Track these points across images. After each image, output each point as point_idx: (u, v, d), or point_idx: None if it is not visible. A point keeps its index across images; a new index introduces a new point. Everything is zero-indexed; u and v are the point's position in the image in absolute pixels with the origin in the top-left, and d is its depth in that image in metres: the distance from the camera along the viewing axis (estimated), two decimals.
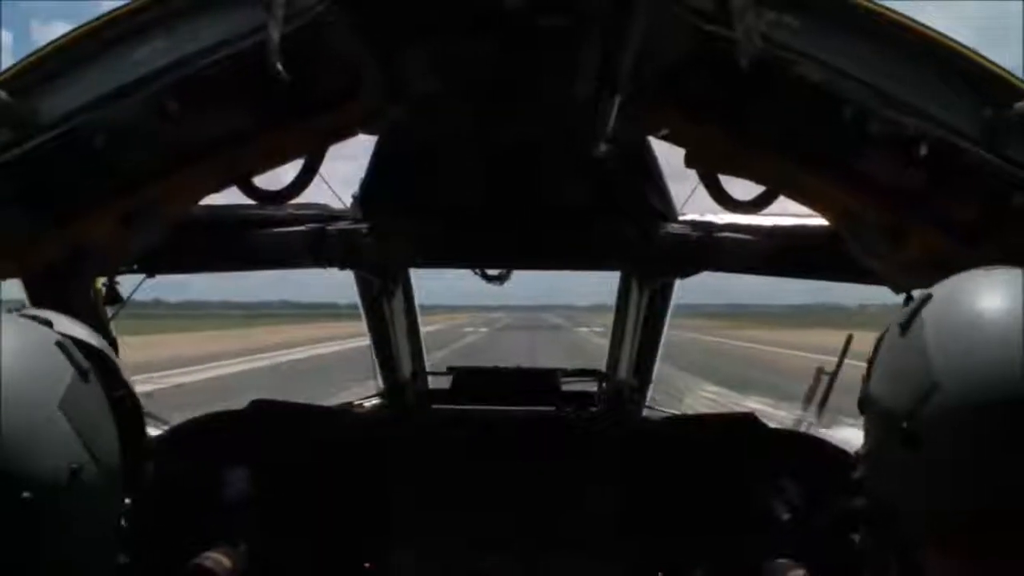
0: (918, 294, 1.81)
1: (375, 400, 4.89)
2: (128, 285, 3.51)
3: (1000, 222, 2.22)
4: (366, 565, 4.07)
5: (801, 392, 5.00)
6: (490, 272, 4.29)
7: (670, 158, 3.05)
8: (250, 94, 2.34)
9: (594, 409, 4.55)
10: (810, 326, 56.66)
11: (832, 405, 4.58)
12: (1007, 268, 1.79)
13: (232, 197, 2.93)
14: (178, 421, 4.12)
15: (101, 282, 3.31)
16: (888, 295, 2.72)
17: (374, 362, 4.79)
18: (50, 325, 1.83)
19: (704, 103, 2.47)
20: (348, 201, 3.79)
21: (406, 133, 3.16)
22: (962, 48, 2.10)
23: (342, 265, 3.95)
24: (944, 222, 2.34)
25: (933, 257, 2.33)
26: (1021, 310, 1.67)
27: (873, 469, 1.89)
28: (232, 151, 2.57)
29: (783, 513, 3.88)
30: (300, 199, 2.98)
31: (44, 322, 1.83)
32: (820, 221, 2.96)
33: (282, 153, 2.72)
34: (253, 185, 2.83)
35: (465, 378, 4.71)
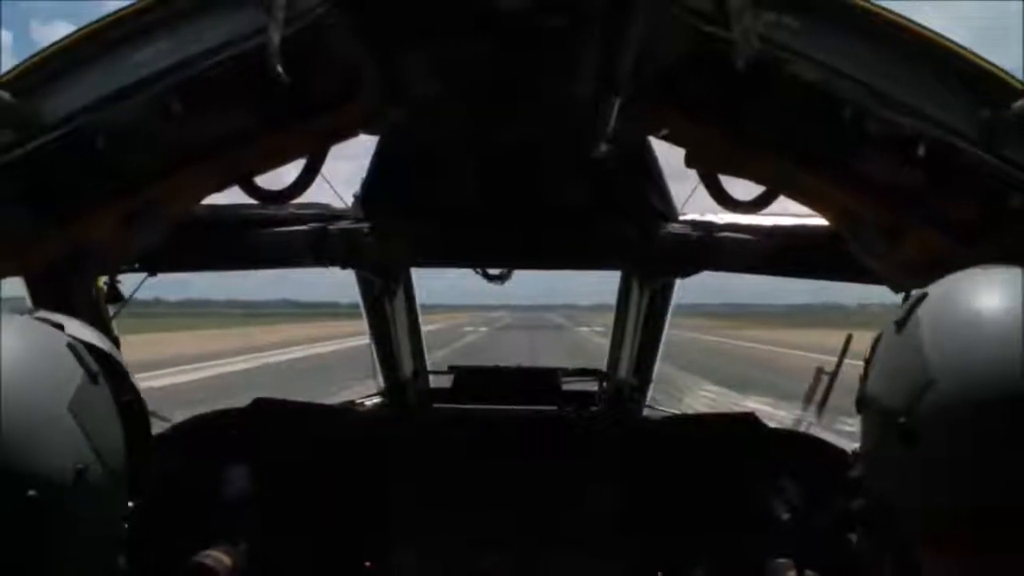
0: (914, 292, 1.82)
1: (376, 399, 4.90)
2: (129, 284, 3.53)
3: (998, 222, 2.22)
4: (367, 564, 4.07)
5: (801, 392, 5.01)
6: (491, 272, 4.30)
7: (670, 158, 3.06)
8: (252, 95, 2.35)
9: (595, 408, 4.56)
10: (810, 326, 56.63)
11: (832, 405, 4.59)
12: (1003, 267, 1.79)
13: (234, 197, 2.94)
14: (180, 419, 4.13)
15: (103, 281, 3.32)
16: (888, 294, 2.73)
17: (375, 361, 4.80)
18: (61, 328, 1.84)
19: (704, 103, 2.48)
20: (349, 201, 3.80)
21: (407, 133, 3.17)
22: (960, 48, 2.11)
23: (343, 264, 3.97)
24: (942, 222, 2.35)
25: (931, 256, 2.34)
26: (1017, 308, 1.68)
27: (870, 468, 1.90)
28: (234, 151, 2.58)
29: (783, 513, 3.88)
30: (302, 199, 2.99)
31: (55, 324, 1.84)
32: (820, 221, 2.97)
33: (283, 153, 2.72)
34: (255, 185, 2.84)
35: (466, 377, 4.72)
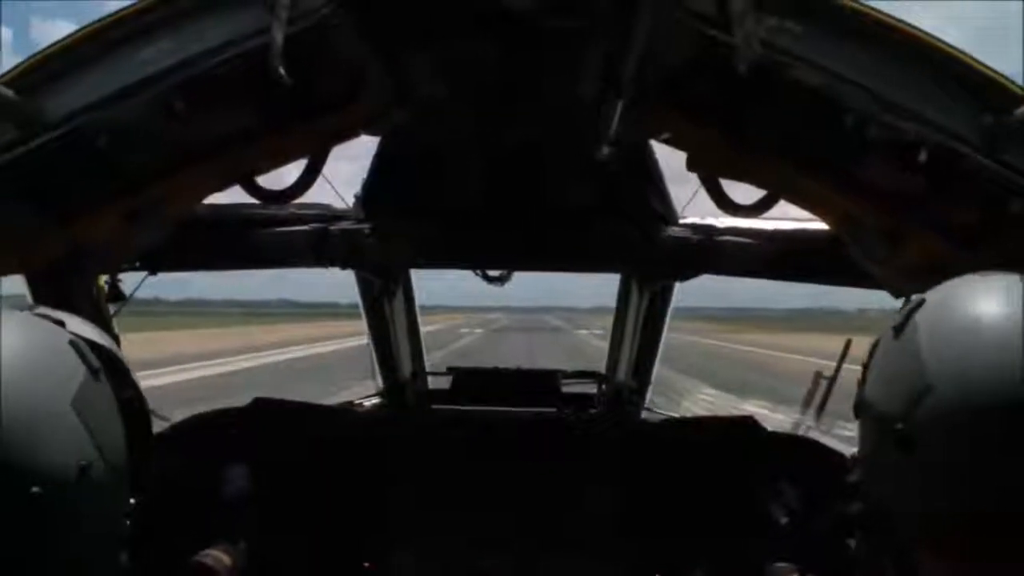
0: (912, 298, 1.83)
1: (375, 399, 4.90)
2: (130, 282, 3.53)
3: (999, 227, 2.23)
4: (365, 565, 4.07)
5: (799, 396, 5.01)
6: (491, 273, 4.30)
7: (671, 161, 3.06)
8: (255, 95, 2.35)
9: (593, 411, 4.56)
10: (809, 330, 56.60)
11: (830, 409, 4.59)
12: (1001, 273, 1.80)
13: (235, 196, 2.94)
14: (179, 418, 4.13)
15: (104, 279, 3.32)
16: (887, 299, 2.74)
17: (373, 362, 4.80)
18: (62, 324, 1.84)
19: (706, 107, 2.48)
20: (350, 201, 3.80)
21: (409, 134, 3.17)
22: (962, 54, 2.12)
23: (344, 265, 3.97)
24: (943, 227, 2.35)
25: (932, 261, 2.34)
26: (1014, 315, 1.68)
27: (868, 472, 1.90)
28: (236, 151, 2.58)
29: (781, 516, 3.88)
30: (303, 199, 3.00)
31: (56, 321, 1.84)
32: (820, 225, 2.97)
33: (285, 153, 2.73)
34: (256, 185, 2.84)
35: (465, 379, 4.72)
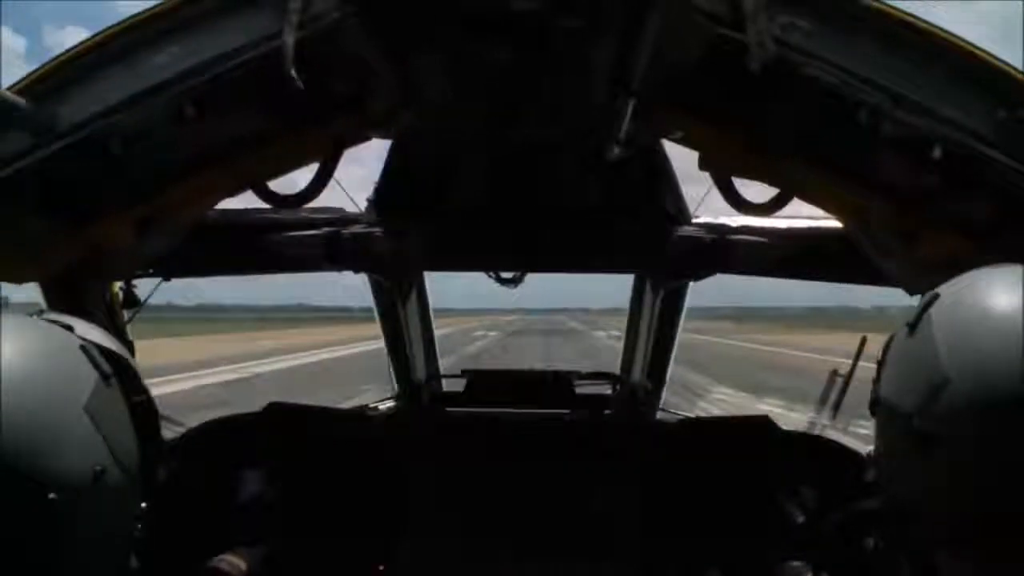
0: (927, 293, 1.82)
1: (390, 403, 4.91)
2: (144, 288, 3.54)
3: (1013, 223, 2.22)
4: (380, 568, 4.08)
5: (815, 394, 4.98)
6: (504, 275, 4.30)
7: (684, 160, 3.06)
8: (267, 99, 2.35)
9: (608, 412, 4.55)
10: (825, 329, 56.35)
11: (846, 406, 4.56)
12: (1014, 266, 1.79)
13: (248, 201, 2.95)
14: (195, 424, 4.14)
15: (118, 286, 3.34)
16: (903, 297, 2.72)
17: (389, 365, 4.81)
18: (71, 330, 1.86)
19: (718, 106, 2.47)
20: (363, 205, 3.81)
21: (420, 136, 3.17)
22: (975, 49, 2.10)
23: (357, 268, 3.97)
24: (957, 223, 2.34)
25: (946, 258, 2.32)
26: None
27: (885, 470, 1.90)
28: (249, 155, 2.59)
29: (797, 516, 3.86)
30: (315, 203, 3.00)
31: (65, 326, 1.86)
32: (834, 223, 2.96)
33: (297, 157, 2.73)
34: (269, 189, 2.84)
35: (479, 381, 4.72)
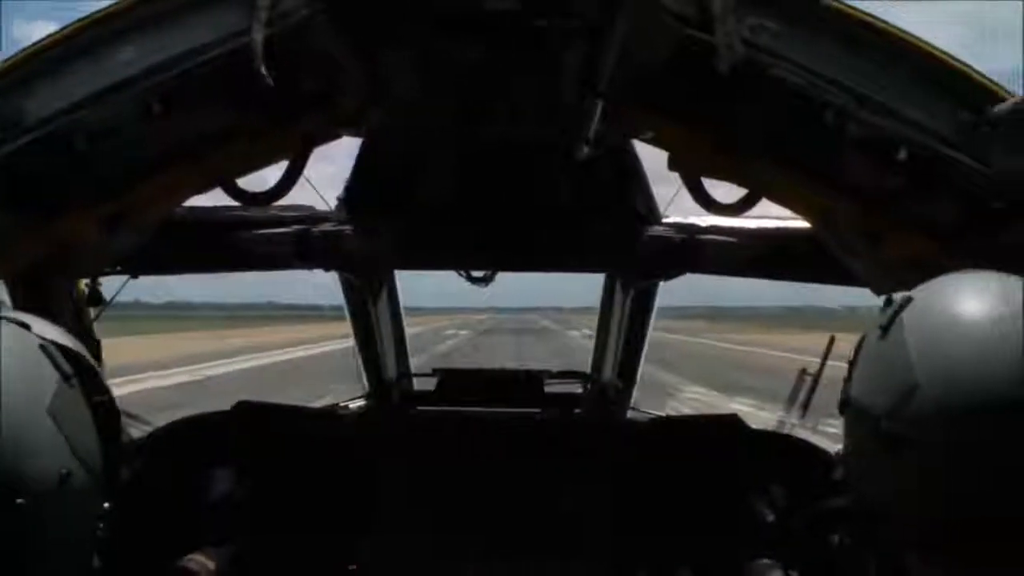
0: (898, 297, 1.83)
1: (360, 401, 4.89)
2: (112, 286, 3.51)
3: (978, 225, 2.24)
4: (351, 567, 4.06)
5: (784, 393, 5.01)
6: (475, 274, 4.29)
7: (654, 160, 3.07)
8: (235, 96, 2.34)
9: (579, 411, 4.56)
10: (798, 329, 56.68)
11: (814, 406, 4.59)
12: (986, 272, 1.81)
13: (216, 198, 2.93)
14: (162, 423, 4.11)
15: (84, 283, 3.31)
16: (872, 297, 2.74)
17: (358, 363, 4.79)
18: (28, 328, 1.81)
19: (687, 106, 2.48)
20: (333, 203, 3.79)
21: (391, 134, 3.16)
22: (940, 52, 2.13)
23: (327, 267, 3.96)
24: (922, 225, 2.36)
25: (912, 259, 2.35)
26: (1000, 312, 1.69)
27: (853, 470, 1.91)
28: (217, 152, 2.57)
29: (766, 514, 3.89)
30: (285, 200, 2.98)
31: (21, 324, 1.81)
32: (802, 223, 2.98)
33: (266, 155, 2.72)
34: (238, 187, 2.82)
35: (450, 379, 4.71)
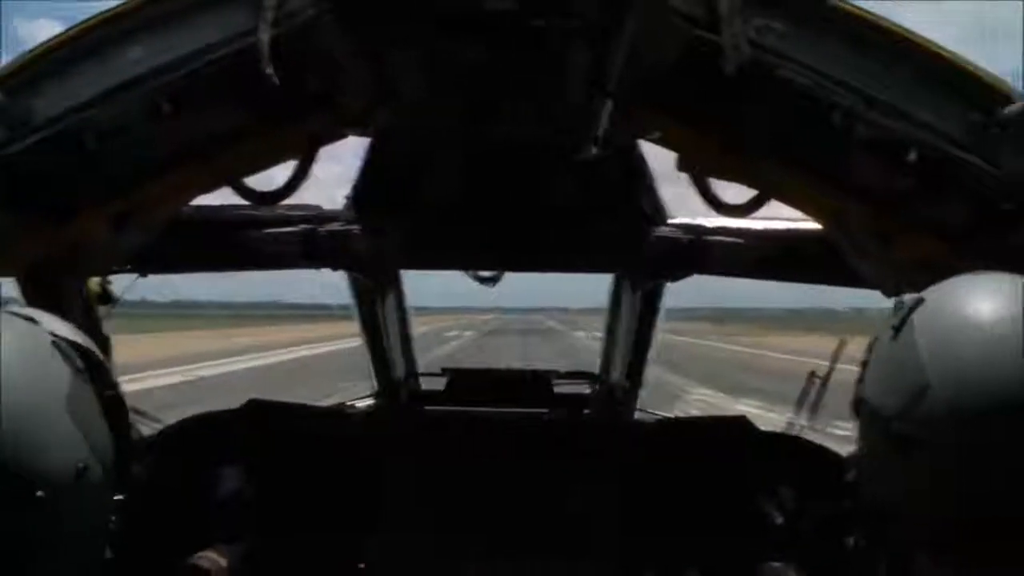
0: (909, 298, 1.83)
1: (368, 400, 4.90)
2: (120, 285, 3.52)
3: (988, 226, 2.24)
4: (360, 565, 4.07)
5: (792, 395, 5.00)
6: (482, 274, 4.30)
7: (661, 161, 3.06)
8: (243, 95, 2.34)
9: (586, 411, 4.56)
10: (800, 330, 56.60)
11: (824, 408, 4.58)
12: (998, 273, 1.81)
13: (225, 197, 2.94)
14: (173, 420, 4.12)
15: (94, 281, 3.32)
16: (880, 298, 2.74)
17: (368, 362, 4.80)
18: (36, 323, 1.83)
19: (695, 107, 2.48)
20: (340, 202, 3.80)
21: (398, 134, 3.17)
22: (950, 53, 2.12)
23: (334, 266, 3.97)
24: (932, 226, 2.36)
25: (922, 260, 2.34)
26: (1013, 313, 1.68)
27: (865, 472, 1.91)
28: (225, 152, 2.58)
29: (775, 516, 3.88)
30: (292, 200, 2.99)
31: (29, 319, 1.83)
32: (811, 225, 2.97)
33: (274, 154, 2.72)
34: (246, 186, 2.83)
35: (458, 379, 4.72)
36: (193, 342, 46.28)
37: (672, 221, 3.79)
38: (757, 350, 47.14)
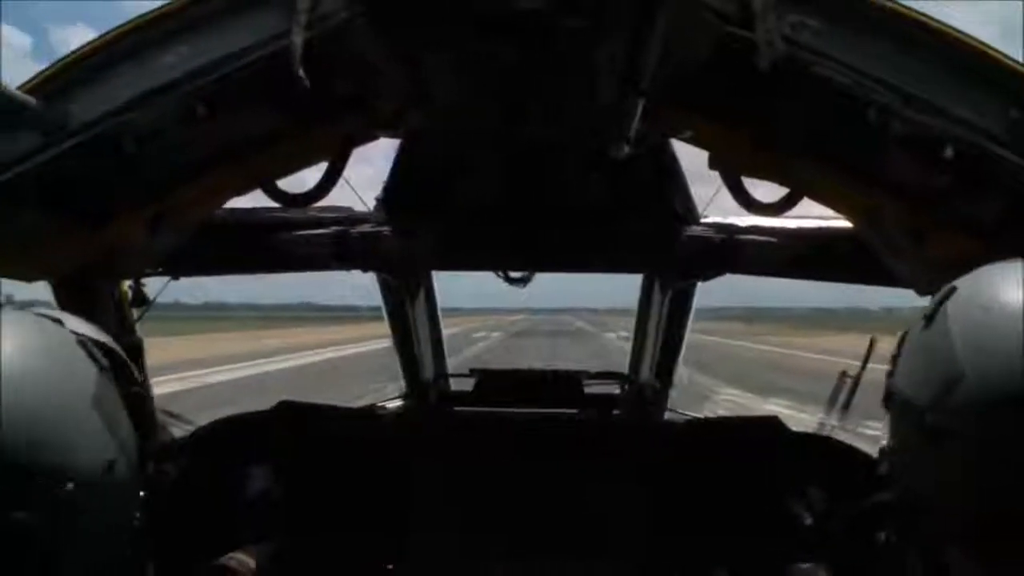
0: (943, 288, 1.81)
1: (398, 401, 4.91)
2: (153, 288, 3.55)
3: (1022, 222, 2.21)
4: (389, 567, 4.08)
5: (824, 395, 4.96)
6: (512, 274, 4.30)
7: (693, 160, 3.05)
8: (276, 98, 2.36)
9: (616, 412, 4.55)
10: (832, 330, 56.13)
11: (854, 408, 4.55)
12: None
13: (256, 200, 2.96)
14: (204, 422, 4.16)
15: (127, 284, 3.35)
16: (913, 298, 2.71)
17: (396, 364, 4.82)
18: (61, 323, 1.87)
19: (727, 105, 2.47)
20: (371, 204, 3.81)
21: (428, 135, 3.18)
22: (987, 48, 2.10)
23: (365, 267, 3.98)
24: (969, 223, 2.33)
25: (956, 258, 2.32)
26: None
27: (897, 464, 1.89)
28: (258, 154, 2.60)
29: (805, 517, 3.86)
30: (323, 202, 3.01)
31: (55, 320, 1.87)
32: (843, 223, 2.95)
33: (306, 156, 2.74)
34: (277, 188, 2.85)
35: (488, 380, 4.72)
36: (227, 344, 46.51)
37: (704, 220, 3.78)
38: (787, 350, 46.81)
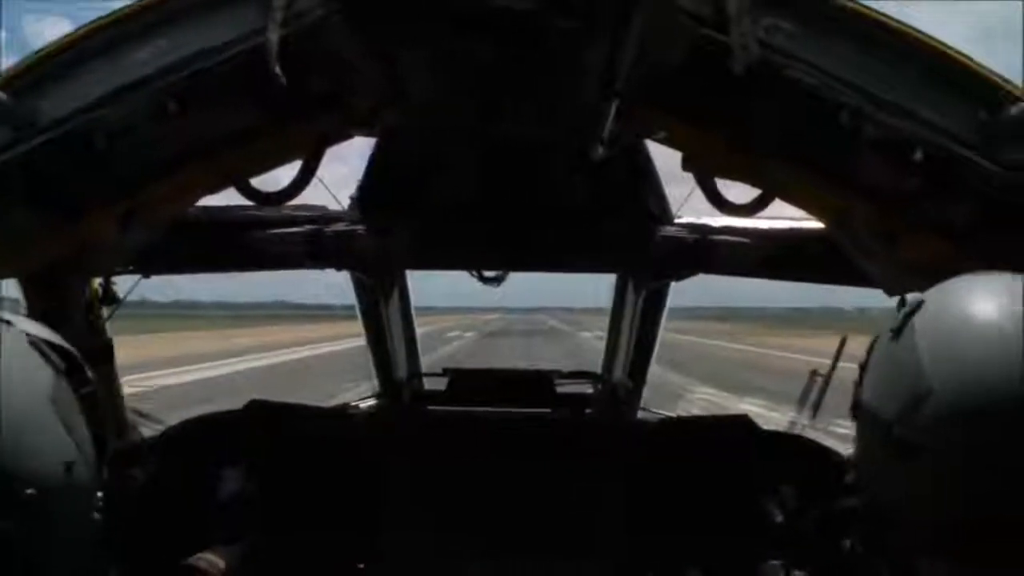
0: (910, 299, 1.81)
1: (371, 401, 4.90)
2: (123, 286, 3.52)
3: (994, 226, 2.23)
4: (360, 566, 4.07)
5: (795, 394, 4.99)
6: (486, 274, 4.30)
7: (667, 160, 3.06)
8: (250, 95, 2.34)
9: (589, 411, 4.55)
10: (808, 329, 56.45)
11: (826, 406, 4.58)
12: (999, 273, 1.79)
13: (230, 198, 2.94)
14: (174, 421, 4.13)
15: (97, 282, 3.32)
16: (885, 298, 2.73)
17: (370, 363, 4.80)
18: (10, 325, 1.84)
19: (702, 107, 2.48)
20: (345, 203, 3.80)
21: (404, 134, 3.17)
22: (956, 52, 2.12)
23: (339, 266, 3.97)
24: (939, 226, 2.35)
25: (927, 260, 2.34)
26: (1014, 315, 1.67)
27: (865, 475, 1.90)
28: (231, 151, 2.58)
29: (777, 515, 3.88)
30: (297, 200, 2.99)
31: (5, 322, 1.84)
32: (815, 224, 2.97)
33: (280, 154, 2.72)
34: (251, 186, 2.83)
35: (460, 379, 4.71)
36: (192, 343, 46.13)
37: (677, 221, 3.79)
38: (761, 349, 47.03)
